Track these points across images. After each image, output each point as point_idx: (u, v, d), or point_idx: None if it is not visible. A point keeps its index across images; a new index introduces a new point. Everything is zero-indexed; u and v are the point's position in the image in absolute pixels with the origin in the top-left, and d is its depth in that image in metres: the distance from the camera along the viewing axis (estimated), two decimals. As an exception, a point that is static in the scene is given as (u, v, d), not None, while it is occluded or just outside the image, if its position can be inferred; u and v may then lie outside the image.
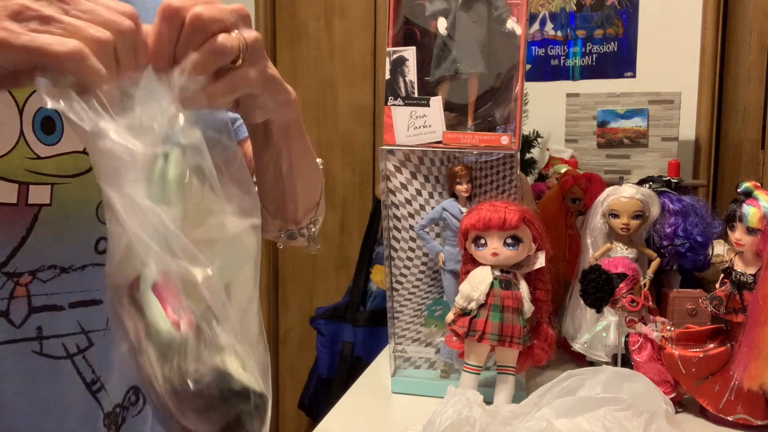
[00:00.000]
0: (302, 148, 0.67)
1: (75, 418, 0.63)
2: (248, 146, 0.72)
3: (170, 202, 0.44)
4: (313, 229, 0.76)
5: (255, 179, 0.69)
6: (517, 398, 0.79)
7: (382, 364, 1.02)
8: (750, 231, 0.78)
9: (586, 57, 2.22)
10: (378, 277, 2.14)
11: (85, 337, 0.64)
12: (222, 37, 0.48)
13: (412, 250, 0.93)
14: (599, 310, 0.88)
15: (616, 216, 0.94)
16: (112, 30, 0.43)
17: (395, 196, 0.91)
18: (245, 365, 0.44)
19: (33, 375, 0.61)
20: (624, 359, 0.87)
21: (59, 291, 0.62)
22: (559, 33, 2.24)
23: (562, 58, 2.25)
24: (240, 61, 0.50)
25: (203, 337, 0.43)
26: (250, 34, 0.51)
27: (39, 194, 0.60)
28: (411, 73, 0.86)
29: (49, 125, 0.60)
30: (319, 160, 0.75)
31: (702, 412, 0.84)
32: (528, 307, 0.82)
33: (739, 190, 0.80)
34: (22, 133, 0.59)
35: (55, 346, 0.62)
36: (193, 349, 0.43)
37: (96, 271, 0.64)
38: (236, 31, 0.50)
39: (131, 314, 0.43)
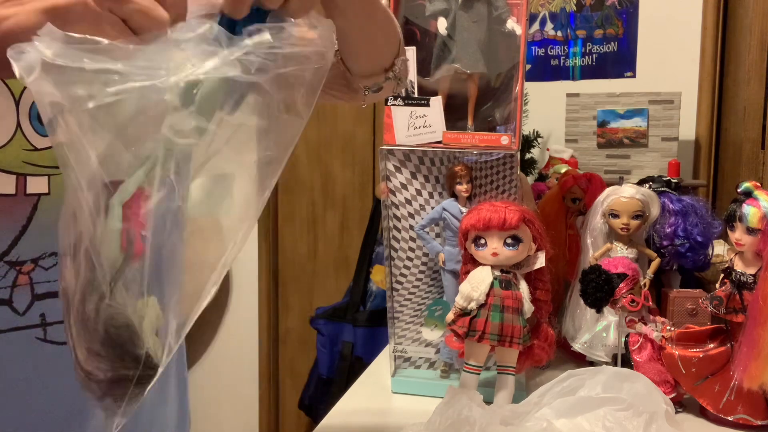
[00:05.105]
0: (365, 3, 0.67)
1: (79, 403, 0.64)
2: None
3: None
4: (400, 69, 0.76)
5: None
6: (517, 398, 0.79)
7: (382, 364, 1.02)
8: (750, 231, 0.78)
9: (586, 57, 2.22)
10: (378, 277, 2.13)
11: None
12: None
13: (412, 250, 0.93)
14: (599, 310, 0.88)
15: (616, 216, 0.94)
16: None
17: (395, 196, 0.91)
18: (158, 324, 0.41)
19: (38, 361, 0.62)
20: (624, 359, 0.87)
21: None
22: (559, 33, 2.24)
23: (562, 58, 2.24)
24: None
25: (139, 276, 0.40)
26: None
27: (37, 184, 0.60)
28: (411, 73, 0.86)
29: None
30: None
31: (702, 412, 0.84)
32: (528, 307, 0.82)
33: (739, 190, 0.80)
34: (18, 125, 0.59)
35: (59, 332, 0.63)
36: (123, 286, 0.39)
37: None
38: None
39: (91, 212, 0.39)
